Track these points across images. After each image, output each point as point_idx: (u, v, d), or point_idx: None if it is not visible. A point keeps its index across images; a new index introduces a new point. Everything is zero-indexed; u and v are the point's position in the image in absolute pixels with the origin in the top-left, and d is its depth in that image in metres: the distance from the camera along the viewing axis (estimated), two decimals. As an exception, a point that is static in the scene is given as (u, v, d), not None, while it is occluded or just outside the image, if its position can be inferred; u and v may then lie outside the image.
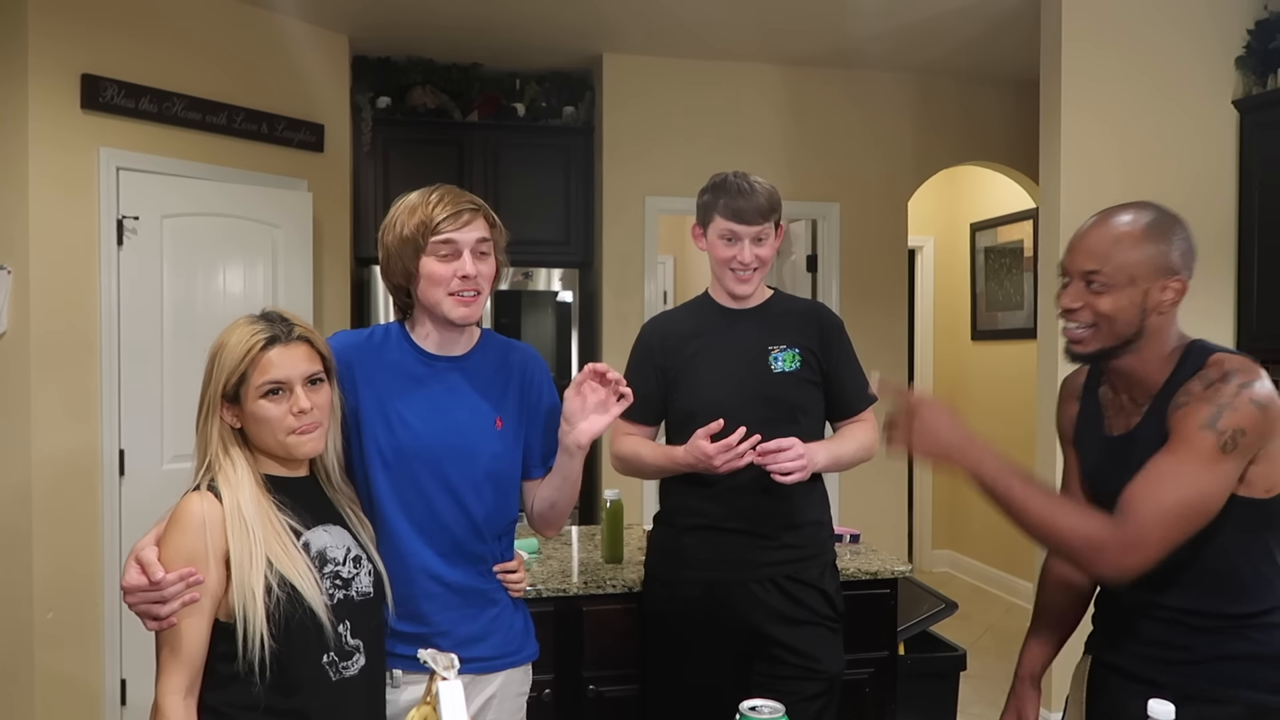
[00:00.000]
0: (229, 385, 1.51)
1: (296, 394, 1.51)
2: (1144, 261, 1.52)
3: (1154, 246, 1.52)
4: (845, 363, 2.15)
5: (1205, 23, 3.77)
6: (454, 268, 1.66)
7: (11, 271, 3.26)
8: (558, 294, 4.80)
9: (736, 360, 2.09)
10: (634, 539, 2.76)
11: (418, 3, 4.05)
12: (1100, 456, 1.66)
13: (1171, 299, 1.54)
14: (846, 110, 4.93)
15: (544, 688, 2.25)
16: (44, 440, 3.31)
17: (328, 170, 4.30)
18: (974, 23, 4.24)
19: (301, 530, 1.54)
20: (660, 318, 2.27)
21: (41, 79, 3.29)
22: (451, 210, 1.66)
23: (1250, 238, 3.76)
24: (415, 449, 1.68)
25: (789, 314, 2.15)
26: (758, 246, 2.07)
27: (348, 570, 1.57)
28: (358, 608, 1.57)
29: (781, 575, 2.05)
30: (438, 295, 1.67)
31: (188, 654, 1.46)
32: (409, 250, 1.66)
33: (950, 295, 6.22)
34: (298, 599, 1.47)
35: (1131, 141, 3.72)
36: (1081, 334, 1.56)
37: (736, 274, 2.08)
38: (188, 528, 1.46)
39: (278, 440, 1.53)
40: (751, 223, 2.05)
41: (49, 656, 3.31)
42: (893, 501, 5.04)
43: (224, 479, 1.51)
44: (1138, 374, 1.58)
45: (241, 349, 1.51)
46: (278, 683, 1.47)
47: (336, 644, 1.52)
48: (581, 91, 4.89)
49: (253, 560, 1.46)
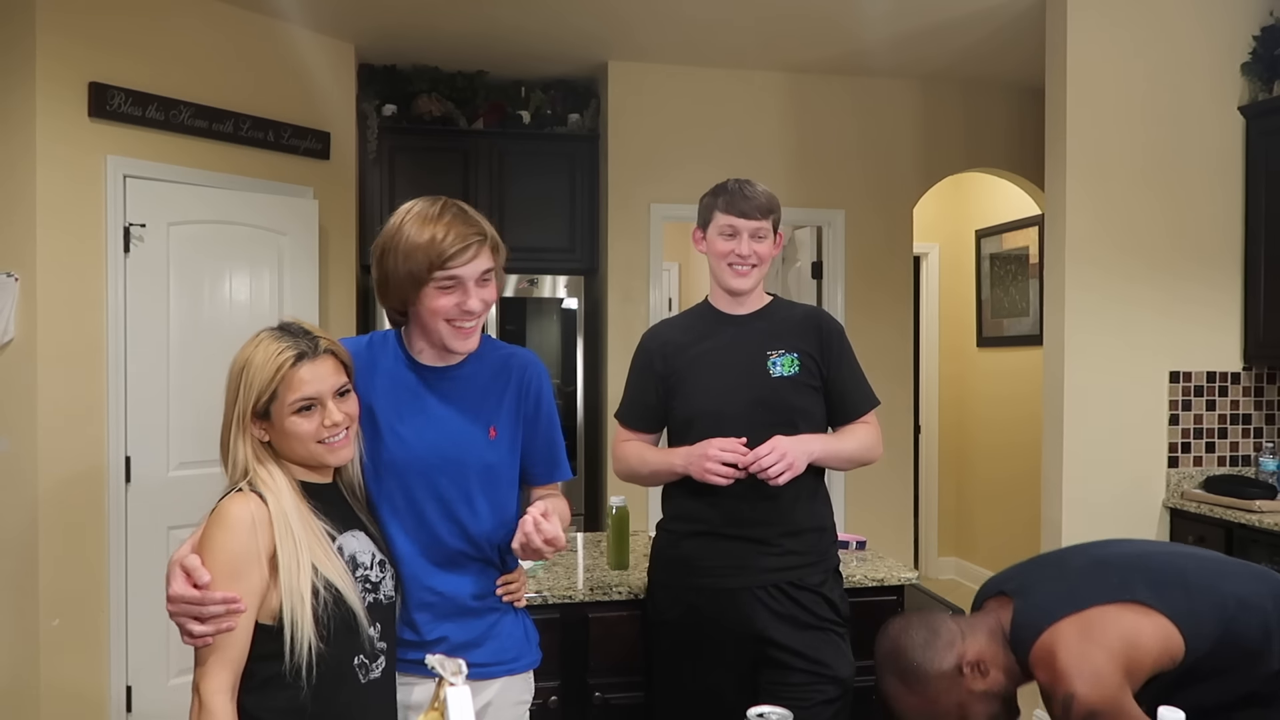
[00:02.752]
0: (260, 403, 1.51)
1: (329, 408, 1.53)
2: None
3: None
4: (845, 366, 2.15)
5: (1211, 29, 3.77)
6: (457, 301, 1.63)
7: (18, 278, 3.27)
8: (563, 301, 4.80)
9: (735, 365, 2.10)
10: (640, 546, 2.76)
11: (423, 11, 4.06)
12: None
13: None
14: (851, 117, 4.93)
15: (550, 694, 2.25)
16: (50, 447, 3.31)
17: (334, 178, 4.31)
18: (979, 29, 4.25)
19: (335, 534, 1.55)
20: (660, 326, 2.29)
21: (49, 87, 3.31)
22: (459, 245, 1.59)
23: (1257, 244, 3.75)
24: (406, 459, 1.68)
25: (788, 319, 2.16)
26: (756, 242, 2.09)
27: (376, 574, 1.59)
28: (385, 610, 1.59)
29: (784, 581, 2.04)
30: (437, 324, 1.65)
31: (234, 653, 1.45)
32: (409, 282, 1.62)
33: (955, 302, 6.22)
34: (341, 600, 1.49)
35: (1137, 148, 3.71)
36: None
37: (735, 268, 2.10)
38: (236, 529, 1.45)
39: (309, 451, 1.54)
40: (750, 217, 2.08)
41: (54, 664, 3.31)
42: (899, 509, 5.03)
43: (265, 485, 1.51)
44: None
45: (271, 367, 1.50)
46: (321, 685, 1.47)
47: (369, 646, 1.54)
48: (587, 99, 4.90)
49: (300, 564, 1.46)
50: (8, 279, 3.26)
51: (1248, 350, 3.78)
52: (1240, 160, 3.81)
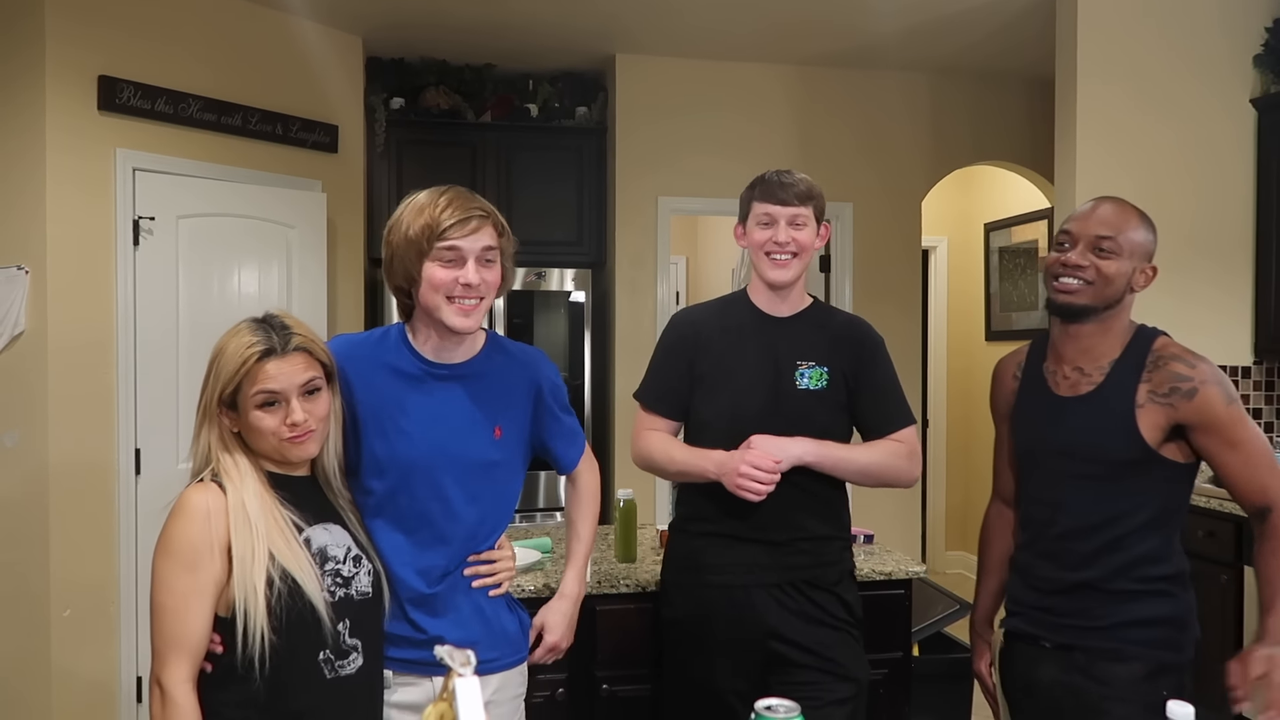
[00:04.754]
0: (225, 393, 1.52)
1: (291, 405, 1.52)
2: (1142, 243, 1.80)
3: (1148, 234, 1.82)
4: (879, 380, 2.08)
5: (1223, 20, 3.74)
6: (457, 274, 1.62)
7: (29, 272, 3.28)
8: (570, 294, 4.80)
9: (761, 371, 2.03)
10: (647, 539, 2.76)
11: (431, 4, 4.06)
12: (1048, 416, 1.86)
13: (1144, 283, 1.82)
14: (859, 110, 4.91)
15: (557, 687, 2.26)
16: (61, 439, 3.33)
17: (342, 171, 4.31)
18: (987, 21, 4.22)
19: (304, 526, 1.54)
20: (694, 309, 2.20)
21: (59, 81, 3.31)
22: (459, 216, 1.61)
23: (1269, 236, 3.73)
24: (410, 456, 1.67)
25: (825, 328, 2.08)
26: (795, 230, 2.00)
27: (348, 569, 1.57)
28: (357, 607, 1.57)
29: (800, 579, 2.02)
30: (437, 300, 1.64)
31: (192, 643, 1.45)
32: (412, 253, 1.63)
33: (964, 296, 6.19)
34: (298, 592, 1.48)
35: (1148, 140, 3.69)
36: (1077, 287, 1.78)
37: (773, 258, 2.01)
38: (192, 518, 1.47)
39: (270, 445, 1.54)
40: (787, 204, 1.99)
41: (65, 654, 3.33)
42: (906, 503, 5.02)
43: (227, 475, 1.52)
44: (1095, 344, 1.81)
45: (238, 359, 1.51)
46: (275, 678, 1.47)
47: (334, 641, 1.52)
48: (595, 92, 4.89)
49: (254, 554, 1.46)
50: (18, 272, 3.27)
51: (1259, 344, 3.77)
52: (1252, 153, 3.79)
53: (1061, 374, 1.85)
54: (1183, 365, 1.75)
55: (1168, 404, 1.74)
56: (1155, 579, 1.77)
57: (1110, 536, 1.77)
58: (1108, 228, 1.77)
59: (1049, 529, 1.85)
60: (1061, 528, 1.82)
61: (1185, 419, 1.73)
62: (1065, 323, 1.82)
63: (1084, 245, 1.78)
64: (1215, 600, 3.31)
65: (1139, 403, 1.75)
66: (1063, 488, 1.82)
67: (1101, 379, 1.79)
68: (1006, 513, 2.05)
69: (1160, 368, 1.76)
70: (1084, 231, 1.78)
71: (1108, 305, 1.78)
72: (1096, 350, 1.81)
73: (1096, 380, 1.80)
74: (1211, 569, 3.31)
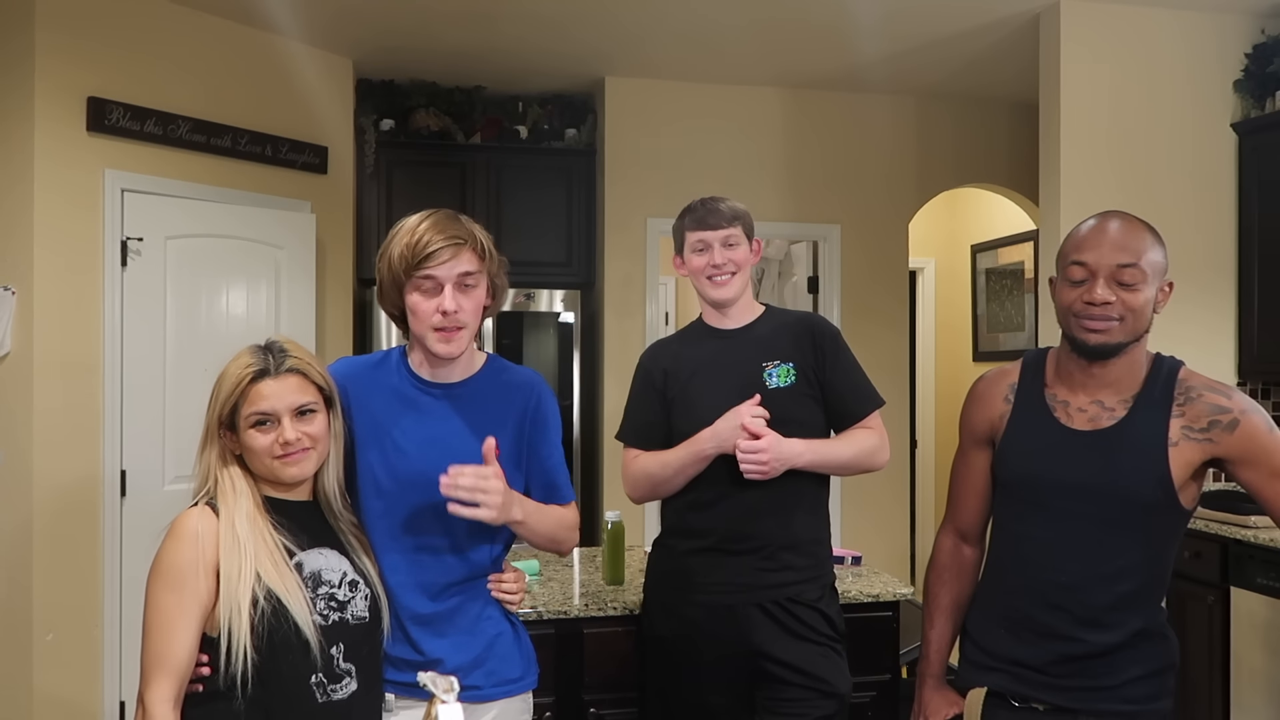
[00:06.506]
0: (224, 414, 1.57)
1: (283, 425, 1.56)
2: (1160, 262, 1.65)
3: (1162, 249, 1.66)
4: (842, 369, 2.13)
5: (1204, 46, 3.80)
6: (435, 303, 1.65)
7: (15, 292, 3.27)
8: (559, 315, 4.80)
9: (731, 380, 2.08)
10: (635, 561, 2.76)
11: (421, 27, 4.08)
12: (1060, 451, 1.69)
13: (1164, 301, 1.67)
14: (847, 133, 4.95)
15: (545, 710, 2.24)
16: (46, 461, 3.31)
17: (331, 192, 4.32)
18: (974, 46, 4.27)
19: (296, 551, 1.56)
20: (657, 345, 2.28)
21: (48, 101, 3.32)
22: (435, 246, 1.63)
23: (1250, 260, 3.76)
24: (409, 475, 1.68)
25: (781, 328, 2.15)
26: (729, 250, 2.09)
27: (344, 593, 1.58)
28: (352, 631, 1.57)
29: (783, 598, 2.03)
30: (422, 329, 1.68)
31: (176, 663, 1.46)
32: (393, 283, 1.67)
33: (951, 316, 6.23)
34: (283, 613, 1.49)
35: (1131, 163, 3.73)
36: (1109, 327, 1.62)
37: (713, 279, 2.10)
38: (181, 539, 1.51)
39: (264, 465, 1.57)
40: (718, 226, 2.08)
41: (48, 678, 3.30)
42: (895, 522, 5.02)
43: (223, 497, 1.55)
44: (1121, 377, 1.67)
45: (233, 380, 1.57)
46: (258, 698, 1.47)
47: (326, 665, 1.52)
48: (584, 114, 4.92)
49: (241, 574, 1.48)
50: (5, 292, 3.26)
51: (1242, 365, 3.80)
52: (1233, 176, 3.83)
53: (1076, 405, 1.69)
54: (1220, 396, 1.63)
55: (1206, 439, 1.62)
56: (1161, 625, 1.68)
57: (1126, 590, 1.64)
58: (1127, 254, 1.61)
59: (1052, 575, 1.67)
60: (1070, 576, 1.66)
61: (1226, 453, 1.61)
62: (1092, 361, 1.67)
63: (1105, 278, 1.61)
64: (1202, 621, 3.31)
65: (1172, 440, 1.62)
66: (1074, 531, 1.66)
67: (1125, 413, 1.65)
68: (965, 550, 1.88)
69: (1194, 400, 1.64)
70: (1102, 262, 1.61)
71: (1138, 337, 1.65)
72: (1122, 383, 1.67)
73: (1119, 415, 1.65)
74: (1199, 590, 3.32)
